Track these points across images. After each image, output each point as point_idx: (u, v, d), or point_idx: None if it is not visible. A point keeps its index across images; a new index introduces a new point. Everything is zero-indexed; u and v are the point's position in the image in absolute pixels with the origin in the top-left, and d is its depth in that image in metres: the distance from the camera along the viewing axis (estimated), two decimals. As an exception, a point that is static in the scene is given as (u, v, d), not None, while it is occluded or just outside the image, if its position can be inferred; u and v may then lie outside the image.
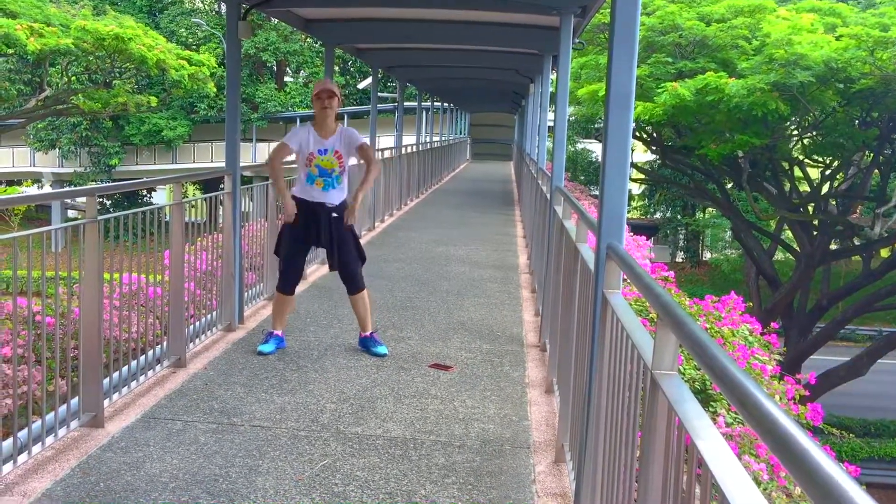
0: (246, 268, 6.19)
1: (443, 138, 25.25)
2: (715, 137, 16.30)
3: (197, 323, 5.32)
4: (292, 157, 5.30)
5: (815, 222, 20.49)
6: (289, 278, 5.29)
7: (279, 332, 5.30)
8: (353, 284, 5.28)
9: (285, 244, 5.25)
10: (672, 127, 19.21)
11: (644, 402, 1.98)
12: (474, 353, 5.40)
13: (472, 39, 9.47)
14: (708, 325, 5.05)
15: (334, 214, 5.17)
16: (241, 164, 5.96)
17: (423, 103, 20.94)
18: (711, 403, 4.00)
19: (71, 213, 33.36)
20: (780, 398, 4.53)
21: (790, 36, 14.37)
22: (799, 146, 19.14)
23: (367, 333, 5.32)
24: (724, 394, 1.37)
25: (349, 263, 5.24)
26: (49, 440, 3.56)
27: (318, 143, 5.13)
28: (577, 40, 8.08)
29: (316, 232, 5.17)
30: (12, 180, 36.13)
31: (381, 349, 5.26)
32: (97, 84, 22.01)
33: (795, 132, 18.58)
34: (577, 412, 3.28)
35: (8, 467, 3.27)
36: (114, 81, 21.87)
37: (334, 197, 5.18)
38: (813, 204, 20.52)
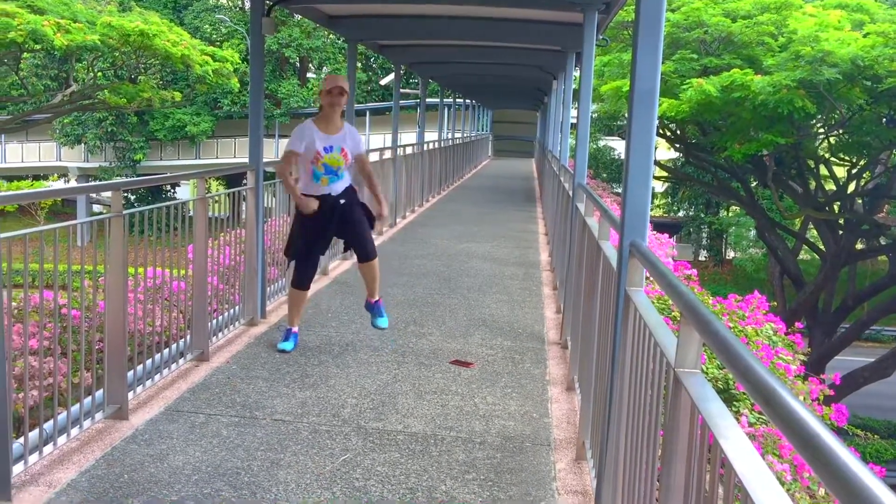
0: (268, 263, 6.22)
1: (465, 135, 25.23)
2: (740, 136, 16.15)
3: (220, 317, 5.36)
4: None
5: (841, 221, 20.28)
6: (305, 273, 5.26)
7: (296, 330, 5.28)
8: (365, 253, 5.23)
9: (300, 239, 5.19)
10: (696, 124, 19.07)
11: (666, 401, 1.97)
12: (495, 350, 5.39)
13: (495, 36, 9.44)
14: (731, 325, 5.01)
15: (341, 201, 5.14)
16: (264, 160, 5.98)
17: (445, 100, 20.94)
18: (734, 403, 3.97)
19: (95, 208, 33.73)
20: (805, 399, 4.49)
21: (817, 33, 14.22)
22: (825, 144, 18.94)
23: (374, 300, 5.35)
24: (749, 393, 1.36)
25: (363, 240, 5.21)
26: (74, 432, 3.60)
27: (323, 141, 5.06)
28: (601, 37, 8.05)
29: (328, 224, 5.14)
30: (39, 175, 36.58)
31: (383, 321, 5.32)
32: (122, 79, 22.23)
33: (822, 130, 18.38)
34: (598, 410, 3.27)
35: (34, 458, 3.31)
36: (139, 77, 22.07)
37: (339, 187, 5.15)
38: (839, 203, 20.30)
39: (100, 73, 22.63)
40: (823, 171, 20.44)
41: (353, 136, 5.20)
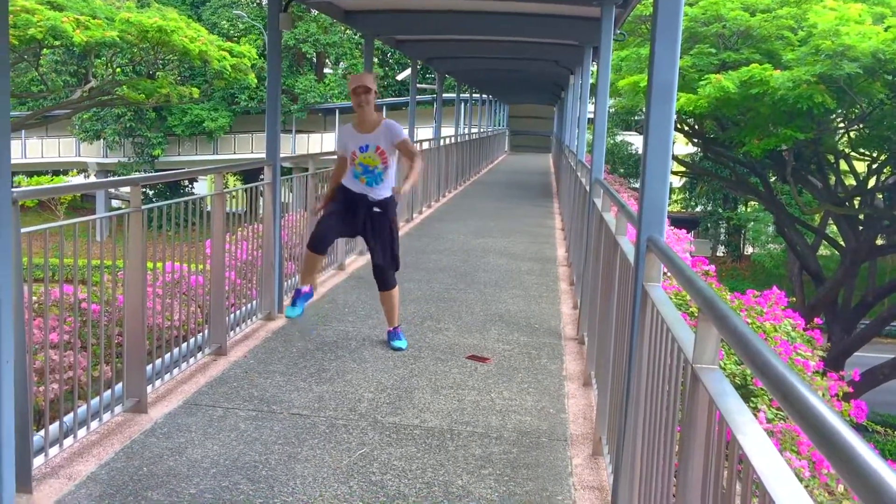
0: (285, 258, 6.24)
1: (481, 130, 25.20)
2: (759, 131, 16.02)
3: (237, 312, 5.39)
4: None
5: (861, 217, 20.08)
6: (322, 236, 5.12)
7: (306, 289, 5.19)
8: (384, 283, 5.26)
9: (327, 209, 5.20)
10: (715, 119, 18.95)
11: (684, 397, 1.96)
12: (512, 346, 5.39)
13: (512, 31, 9.42)
14: (749, 320, 4.98)
15: (376, 209, 5.12)
16: (281, 155, 6.00)
17: (461, 95, 20.92)
18: (752, 399, 3.95)
19: (114, 203, 33.96)
20: (824, 395, 4.46)
21: (837, 27, 14.06)
22: (845, 139, 18.75)
23: (392, 328, 5.31)
24: (767, 388, 1.35)
25: (381, 265, 5.21)
26: (94, 425, 3.64)
27: (357, 141, 5.08)
28: (619, 31, 8.01)
29: (354, 218, 5.13)
30: (58, 170, 36.87)
31: (400, 343, 5.23)
32: (141, 75, 22.36)
33: (842, 125, 18.20)
34: (615, 405, 3.26)
35: (55, 451, 3.35)
36: (157, 73, 22.19)
37: (377, 192, 5.12)
38: (859, 198, 20.11)
39: (118, 69, 22.77)
40: (843, 166, 20.24)
41: (389, 129, 5.10)
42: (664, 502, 2.16)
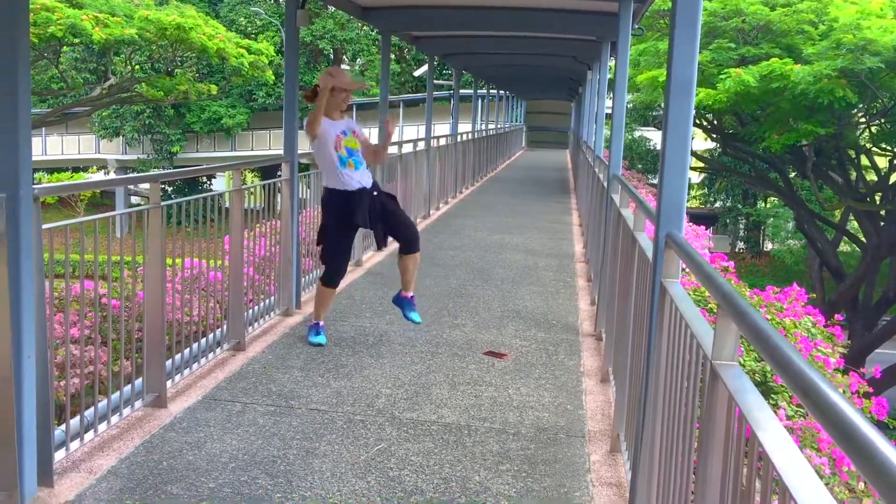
0: (303, 254, 6.27)
1: (498, 126, 25.16)
2: (779, 126, 15.89)
3: (255, 307, 5.41)
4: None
5: (883, 212, 19.88)
6: (337, 272, 5.21)
7: (322, 323, 5.27)
8: (416, 243, 5.24)
9: (331, 237, 5.17)
10: (734, 114, 18.81)
11: (703, 393, 1.95)
12: (529, 342, 5.39)
13: (529, 26, 9.39)
14: (769, 317, 4.95)
15: (375, 193, 5.18)
16: (299, 152, 6.02)
17: (478, 91, 20.88)
18: (772, 396, 3.92)
19: (134, 200, 34.20)
20: (844, 392, 4.42)
21: (858, 20, 13.92)
22: (866, 134, 18.57)
23: (410, 295, 5.34)
24: (787, 385, 1.34)
25: (409, 225, 5.27)
26: (114, 419, 3.67)
27: (336, 127, 5.14)
28: (637, 26, 7.97)
29: (362, 215, 5.12)
30: (78, 167, 37.18)
31: (416, 315, 5.32)
32: (160, 73, 22.47)
33: (863, 120, 18.02)
34: (633, 402, 3.25)
35: (75, 445, 3.38)
36: (175, 70, 22.29)
37: (366, 177, 5.17)
38: (880, 193, 19.91)
39: (137, 67, 22.91)
40: (864, 161, 20.04)
41: (352, 122, 5.32)
42: (683, 499, 2.16)
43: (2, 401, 2.83)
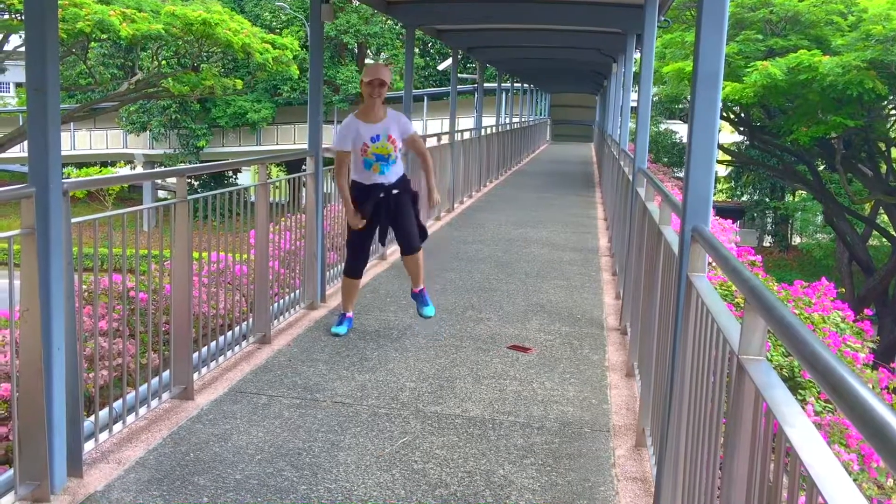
0: (328, 247, 6.29)
1: (522, 120, 25.08)
2: (807, 119, 15.71)
3: (281, 301, 5.45)
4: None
5: (913, 206, 19.59)
6: (356, 262, 5.32)
7: (350, 315, 5.35)
8: (410, 248, 5.25)
9: (352, 231, 5.27)
10: (762, 107, 18.62)
11: (729, 388, 1.94)
12: (553, 336, 5.37)
13: (554, 19, 9.35)
14: (797, 311, 4.90)
15: (394, 191, 5.18)
16: (324, 146, 6.04)
17: (502, 84, 20.83)
18: (800, 391, 3.89)
19: (160, 194, 34.54)
20: (874, 387, 4.37)
21: (888, 11, 13.71)
22: (896, 126, 18.31)
23: (418, 289, 5.39)
24: (816, 380, 1.32)
25: (410, 231, 5.25)
26: (142, 411, 3.71)
27: (369, 132, 5.09)
28: (663, 18, 7.91)
29: (377, 215, 5.18)
30: (106, 161, 37.58)
31: (429, 310, 5.37)
32: (186, 68, 22.65)
33: (893, 112, 17.76)
34: (658, 396, 3.23)
35: (104, 436, 3.42)
36: (201, 65, 22.45)
37: (391, 176, 5.18)
38: (911, 187, 19.62)
39: (164, 62, 23.11)
40: (895, 153, 19.75)
41: (398, 120, 5.19)
42: (709, 495, 2.14)
43: (32, 392, 2.87)
